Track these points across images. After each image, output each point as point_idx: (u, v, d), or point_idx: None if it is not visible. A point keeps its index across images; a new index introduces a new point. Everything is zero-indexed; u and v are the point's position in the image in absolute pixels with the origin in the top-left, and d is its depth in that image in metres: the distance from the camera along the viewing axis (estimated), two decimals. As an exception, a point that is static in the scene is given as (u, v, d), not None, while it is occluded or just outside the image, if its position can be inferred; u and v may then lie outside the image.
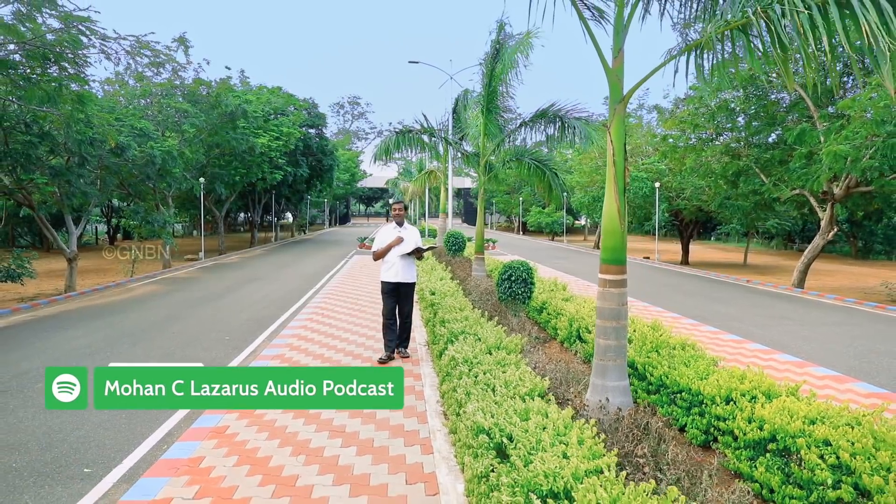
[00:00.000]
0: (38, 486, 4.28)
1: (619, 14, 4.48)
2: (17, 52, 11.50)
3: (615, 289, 4.70)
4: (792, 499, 3.35)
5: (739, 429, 3.89)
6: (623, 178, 4.58)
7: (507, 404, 3.88)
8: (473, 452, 3.60)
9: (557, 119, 10.75)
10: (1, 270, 12.76)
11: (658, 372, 5.08)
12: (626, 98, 4.59)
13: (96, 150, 15.05)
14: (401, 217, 7.54)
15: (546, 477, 2.83)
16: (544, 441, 3.23)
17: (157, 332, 9.83)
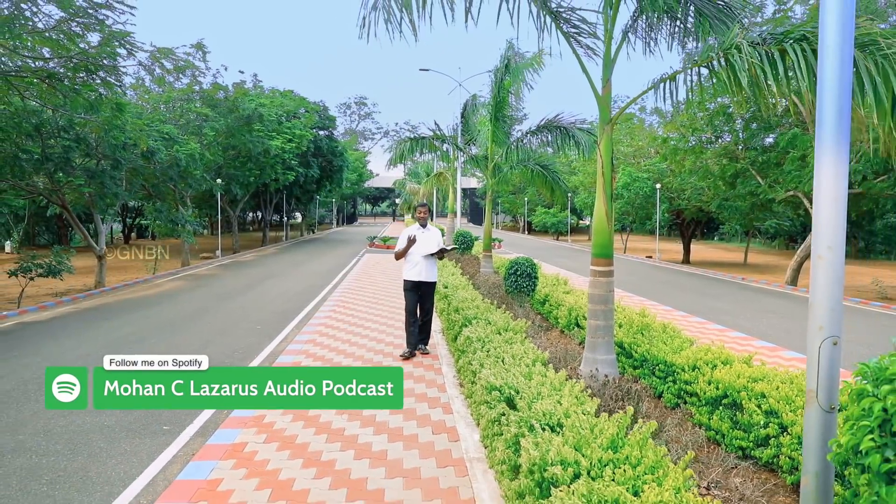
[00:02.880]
0: (130, 438, 5.24)
1: (606, 51, 5.41)
2: (61, 65, 12.51)
3: (603, 278, 5.66)
4: (737, 439, 4.30)
5: (701, 390, 4.83)
6: (611, 186, 5.51)
7: (514, 370, 4.82)
8: (488, 405, 4.55)
9: (561, 129, 11.68)
10: (42, 266, 13.75)
11: (641, 349, 6.03)
12: (614, 120, 5.52)
13: (129, 154, 16.09)
14: (424, 219, 7.94)
15: (544, 415, 3.77)
16: (543, 393, 4.17)
17: (191, 323, 10.81)
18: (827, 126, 2.61)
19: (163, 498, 4.01)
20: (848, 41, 2.59)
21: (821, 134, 2.63)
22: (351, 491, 4.08)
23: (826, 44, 2.64)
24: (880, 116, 3.99)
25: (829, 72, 2.62)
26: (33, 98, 13.06)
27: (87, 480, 4.38)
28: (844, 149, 2.58)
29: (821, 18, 2.67)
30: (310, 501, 3.92)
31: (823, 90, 2.63)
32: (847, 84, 2.59)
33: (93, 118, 13.33)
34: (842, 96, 2.58)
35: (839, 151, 2.58)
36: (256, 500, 3.93)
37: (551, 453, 3.04)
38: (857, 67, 4.05)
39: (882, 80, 3.92)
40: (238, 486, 4.15)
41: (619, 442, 3.20)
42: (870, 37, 4.02)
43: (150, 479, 4.39)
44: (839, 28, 2.60)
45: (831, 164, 2.59)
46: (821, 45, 2.67)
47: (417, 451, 4.76)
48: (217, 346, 8.81)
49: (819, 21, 2.69)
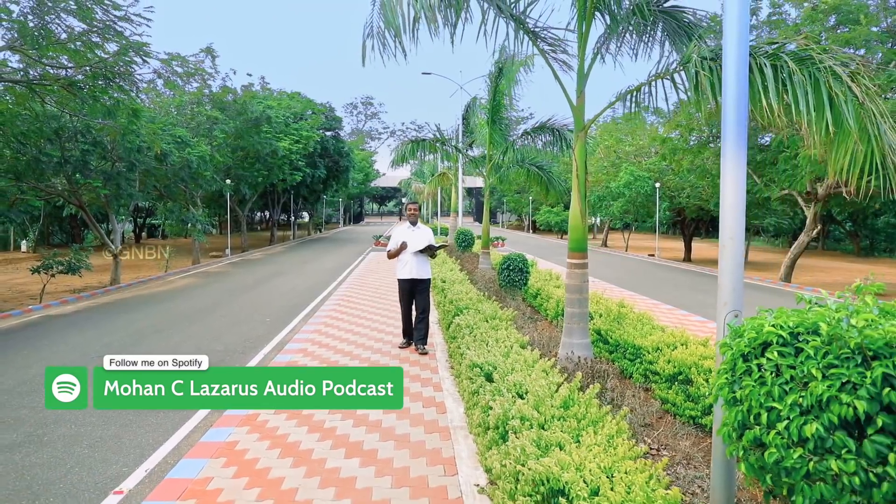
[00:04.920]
0: (156, 412, 5.87)
1: (580, 65, 6.00)
2: (80, 73, 13.21)
3: (579, 269, 6.26)
4: (688, 409, 4.90)
5: (661, 368, 5.43)
6: (584, 187, 6.11)
7: (495, 350, 5.44)
8: (470, 380, 5.17)
9: (553, 131, 12.27)
10: (63, 264, 14.47)
11: (616, 335, 6.62)
12: (587, 127, 6.12)
13: (143, 157, 16.83)
14: (415, 217, 8.01)
15: (514, 385, 4.38)
16: (517, 368, 4.79)
17: (206, 315, 11.49)
18: (729, 134, 3.19)
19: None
20: (744, 60, 3.17)
21: (725, 142, 3.21)
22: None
23: (727, 62, 3.22)
24: (816, 125, 4.54)
25: (730, 89, 3.21)
26: (52, 104, 13.79)
27: (122, 445, 5.04)
28: (743, 155, 3.16)
29: (724, 38, 3.25)
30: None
31: (726, 104, 3.22)
32: (744, 101, 3.18)
33: (110, 123, 14.04)
34: (739, 111, 3.17)
35: (738, 156, 3.17)
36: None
37: (513, 410, 3.66)
38: (793, 81, 4.64)
39: (813, 92, 4.49)
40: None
41: (571, 402, 3.81)
42: (809, 51, 4.59)
43: (176, 444, 5.03)
44: (736, 48, 3.18)
45: (732, 168, 3.18)
46: (724, 62, 3.25)
47: (408, 420, 5.38)
48: (231, 335, 9.47)
49: (723, 40, 3.27)
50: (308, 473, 4.35)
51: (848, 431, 1.97)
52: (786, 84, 4.67)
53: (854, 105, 4.55)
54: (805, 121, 4.52)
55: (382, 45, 5.32)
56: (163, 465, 4.63)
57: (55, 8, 11.25)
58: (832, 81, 4.57)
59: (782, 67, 4.73)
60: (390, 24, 5.09)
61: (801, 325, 2.19)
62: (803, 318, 2.21)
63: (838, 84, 4.58)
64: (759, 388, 2.18)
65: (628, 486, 2.69)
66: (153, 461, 4.69)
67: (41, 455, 4.82)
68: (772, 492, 2.36)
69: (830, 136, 4.70)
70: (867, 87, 4.65)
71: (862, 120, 4.55)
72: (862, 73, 4.66)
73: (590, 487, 2.73)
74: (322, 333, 9.35)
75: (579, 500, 2.65)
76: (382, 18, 5.17)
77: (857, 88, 4.58)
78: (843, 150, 4.74)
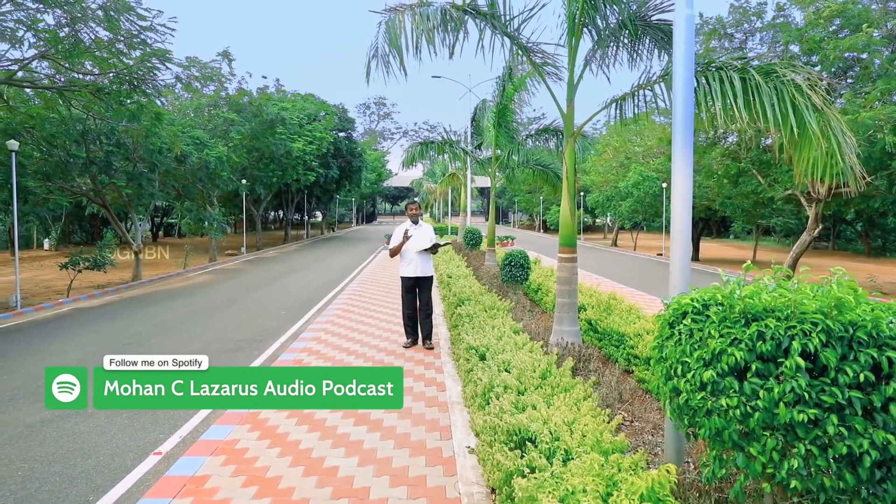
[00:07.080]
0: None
1: (570, 77, 6.56)
2: (106, 78, 13.96)
3: (568, 263, 6.82)
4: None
5: (641, 352, 5.97)
6: (573, 188, 6.67)
7: (489, 335, 6.02)
8: (466, 361, 5.75)
9: (557, 133, 12.83)
10: (89, 260, 15.26)
11: (604, 324, 7.18)
12: (576, 134, 6.69)
13: (164, 158, 17.60)
14: (416, 216, 8.17)
15: (504, 362, 4.96)
16: (507, 349, 5.37)
17: (225, 308, 12.17)
18: (678, 136, 3.74)
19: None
20: (690, 76, 3.73)
21: (675, 145, 3.75)
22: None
23: (676, 77, 3.78)
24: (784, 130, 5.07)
25: (679, 96, 3.76)
26: (78, 107, 14.57)
27: (157, 416, 5.69)
28: (689, 156, 3.70)
29: (674, 58, 3.80)
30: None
31: (676, 111, 3.77)
32: (690, 106, 3.72)
33: (134, 126, 14.80)
34: (686, 118, 3.72)
35: (685, 157, 3.71)
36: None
37: (497, 380, 4.24)
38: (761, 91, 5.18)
39: (780, 101, 5.02)
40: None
41: (548, 374, 4.39)
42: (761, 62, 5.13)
43: (197, 423, 5.55)
44: (684, 66, 3.74)
45: (681, 168, 3.73)
46: (674, 77, 3.80)
47: (411, 397, 5.97)
48: (249, 326, 10.12)
49: (672, 59, 3.82)
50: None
51: (736, 376, 2.54)
52: (754, 94, 5.21)
53: (813, 111, 5.10)
54: (772, 125, 5.07)
55: (386, 66, 5.92)
56: (194, 433, 5.25)
57: (84, 19, 11.97)
58: (794, 91, 5.11)
59: (749, 79, 5.27)
60: (394, 45, 5.69)
61: (711, 298, 2.76)
62: (714, 293, 2.78)
63: (800, 93, 5.12)
64: (676, 348, 2.75)
65: (583, 433, 3.26)
66: (187, 428, 5.33)
67: (88, 424, 5.49)
68: (695, 434, 2.93)
69: (796, 139, 5.25)
70: (824, 97, 5.20)
71: (822, 124, 5.09)
72: (818, 85, 5.20)
73: (552, 435, 3.30)
74: (335, 324, 9.97)
75: (543, 443, 3.23)
76: (387, 40, 5.77)
77: (816, 97, 5.13)
78: (806, 151, 5.29)
